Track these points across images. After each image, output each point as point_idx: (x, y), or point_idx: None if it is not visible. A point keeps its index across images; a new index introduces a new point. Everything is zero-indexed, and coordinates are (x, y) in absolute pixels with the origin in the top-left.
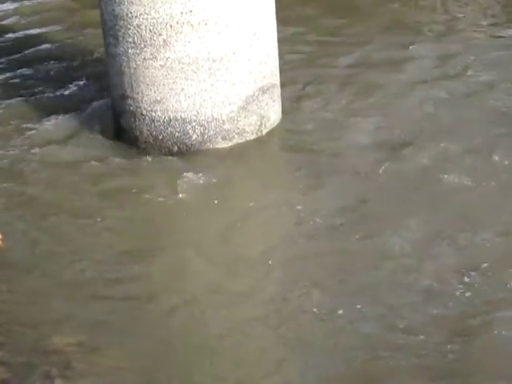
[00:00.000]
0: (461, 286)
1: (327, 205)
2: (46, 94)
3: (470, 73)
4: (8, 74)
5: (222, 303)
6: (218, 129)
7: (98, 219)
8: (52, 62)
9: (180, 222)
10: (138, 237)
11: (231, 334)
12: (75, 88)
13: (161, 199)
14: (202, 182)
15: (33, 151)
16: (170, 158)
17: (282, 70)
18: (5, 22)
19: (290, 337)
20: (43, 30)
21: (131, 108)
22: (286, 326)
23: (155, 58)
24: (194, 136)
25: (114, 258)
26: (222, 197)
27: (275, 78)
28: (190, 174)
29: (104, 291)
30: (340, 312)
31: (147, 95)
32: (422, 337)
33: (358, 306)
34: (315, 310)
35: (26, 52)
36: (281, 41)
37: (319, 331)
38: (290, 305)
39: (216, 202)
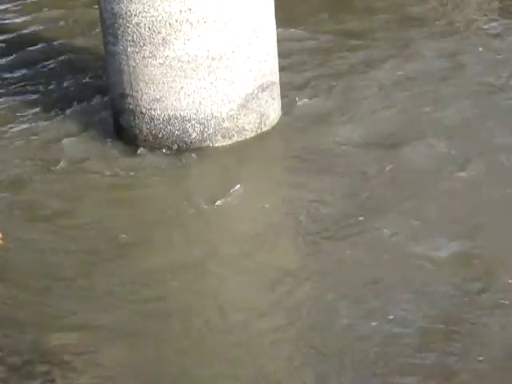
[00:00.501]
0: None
1: (330, 204)
2: (45, 93)
3: (477, 71)
4: (7, 74)
5: (227, 305)
6: (217, 127)
7: (98, 218)
8: (51, 60)
9: (180, 221)
10: (139, 234)
11: (241, 337)
12: (75, 87)
13: (160, 198)
14: (201, 180)
15: (33, 151)
16: (170, 156)
17: (281, 68)
18: (5, 21)
19: (314, 347)
20: (43, 27)
21: (130, 106)
22: (311, 337)
23: (154, 56)
24: (194, 134)
25: (115, 257)
26: (221, 195)
27: (275, 76)
28: (189, 173)
29: (105, 291)
30: (373, 324)
31: (146, 93)
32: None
33: (391, 317)
34: (344, 320)
35: (25, 51)
36: (280, 39)
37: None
38: (315, 315)
39: (215, 200)
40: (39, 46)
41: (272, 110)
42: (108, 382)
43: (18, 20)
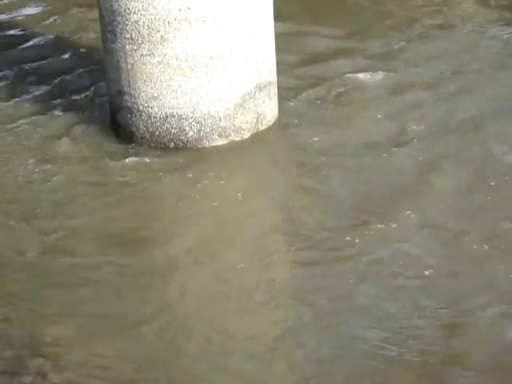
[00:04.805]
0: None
1: (325, 204)
2: (42, 90)
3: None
4: (4, 71)
5: (220, 302)
6: (214, 126)
7: (92, 216)
8: (50, 57)
9: (175, 220)
10: (133, 232)
11: (231, 328)
12: (73, 83)
13: (156, 197)
14: (197, 179)
15: (31, 148)
16: (166, 154)
17: (278, 68)
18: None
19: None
20: (42, 24)
21: (128, 104)
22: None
23: (152, 54)
24: (191, 133)
25: (108, 251)
26: (218, 195)
27: (272, 76)
28: (185, 171)
29: (97, 284)
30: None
31: (144, 91)
32: None
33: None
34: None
35: (21, 47)
36: (278, 38)
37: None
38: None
39: (211, 199)
40: (36, 42)
41: (269, 110)
42: (100, 377)
43: (16, 15)
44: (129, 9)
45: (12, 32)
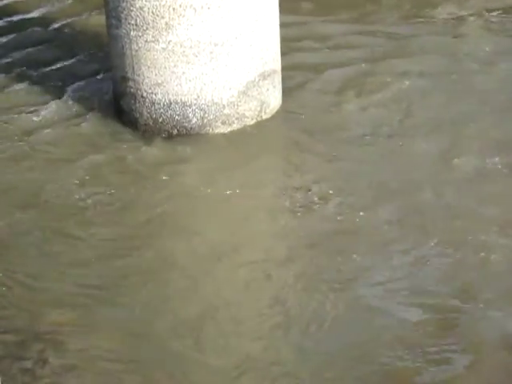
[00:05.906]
0: None
1: (329, 193)
2: (47, 76)
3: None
4: (9, 54)
5: (218, 293)
6: (217, 113)
7: (94, 203)
8: (54, 43)
9: (176, 207)
10: (135, 220)
11: (227, 315)
12: (77, 69)
13: (158, 182)
14: (200, 166)
15: (34, 133)
16: (169, 140)
17: (283, 56)
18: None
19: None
20: (44, 10)
21: (132, 90)
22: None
23: (157, 40)
24: (194, 120)
25: (109, 238)
26: (220, 181)
27: (276, 64)
28: (188, 158)
29: (100, 271)
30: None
31: (148, 78)
32: None
33: None
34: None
35: (27, 30)
36: (282, 26)
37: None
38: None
39: (213, 186)
40: (41, 25)
41: (273, 98)
42: (100, 363)
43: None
44: None
45: (13, 17)
